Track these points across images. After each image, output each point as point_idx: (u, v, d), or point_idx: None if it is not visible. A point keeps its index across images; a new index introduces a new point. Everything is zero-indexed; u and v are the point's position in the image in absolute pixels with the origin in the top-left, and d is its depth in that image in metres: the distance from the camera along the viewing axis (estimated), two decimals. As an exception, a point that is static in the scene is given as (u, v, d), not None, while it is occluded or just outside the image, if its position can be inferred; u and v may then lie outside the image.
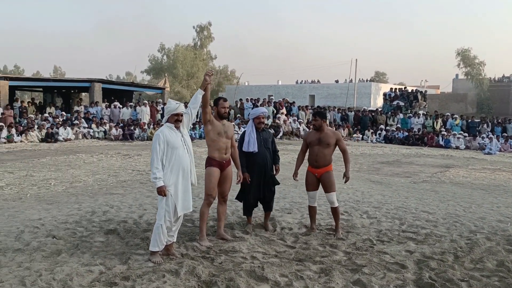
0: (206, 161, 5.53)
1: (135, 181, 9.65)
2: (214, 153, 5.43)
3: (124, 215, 6.60)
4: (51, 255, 4.82)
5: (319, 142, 5.84)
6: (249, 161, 5.84)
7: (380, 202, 7.97)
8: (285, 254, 5.01)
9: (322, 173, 5.85)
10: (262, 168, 5.89)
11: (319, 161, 5.84)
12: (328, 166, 5.88)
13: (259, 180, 5.90)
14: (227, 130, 5.49)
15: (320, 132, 5.88)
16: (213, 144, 5.44)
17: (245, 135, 5.92)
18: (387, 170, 12.86)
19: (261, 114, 5.97)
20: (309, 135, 6.06)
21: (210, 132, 5.42)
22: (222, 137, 5.42)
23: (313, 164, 5.90)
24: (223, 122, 5.49)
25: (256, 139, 5.84)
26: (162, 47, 56.59)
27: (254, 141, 5.81)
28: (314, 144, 5.89)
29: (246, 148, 5.82)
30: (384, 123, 24.16)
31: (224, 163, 5.48)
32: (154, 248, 4.72)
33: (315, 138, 5.89)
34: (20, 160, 12.68)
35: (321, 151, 5.82)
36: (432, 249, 5.18)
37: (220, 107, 5.47)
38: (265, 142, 5.95)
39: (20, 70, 77.91)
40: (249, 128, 5.95)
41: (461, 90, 48.80)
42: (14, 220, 6.24)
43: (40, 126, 18.71)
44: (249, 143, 5.82)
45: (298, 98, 41.82)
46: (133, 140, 19.84)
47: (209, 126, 5.40)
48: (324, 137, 5.83)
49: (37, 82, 26.19)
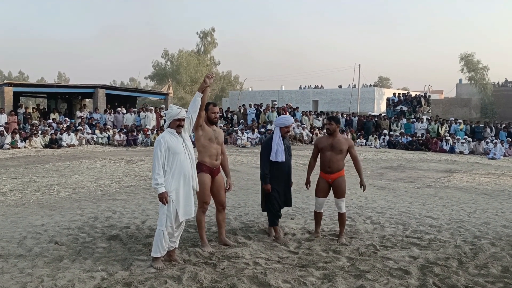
0: (197, 166, 5.42)
1: (138, 187, 9.65)
2: (205, 159, 5.34)
3: (126, 220, 6.59)
4: (53, 261, 4.81)
5: (332, 148, 5.78)
6: (275, 170, 5.72)
7: (384, 207, 7.93)
8: (288, 260, 4.98)
9: (335, 178, 5.82)
10: (287, 176, 5.84)
11: (332, 166, 5.79)
12: (341, 171, 5.85)
13: (285, 189, 5.82)
14: (218, 136, 5.43)
15: (332, 137, 5.83)
16: (204, 150, 5.35)
17: (272, 144, 5.74)
18: (391, 175, 12.81)
19: (289, 124, 5.88)
20: (320, 141, 5.97)
21: (201, 137, 5.32)
22: (213, 143, 5.36)
23: (326, 170, 5.84)
24: (214, 128, 5.42)
25: (284, 149, 5.72)
26: (166, 53, 56.88)
27: (283, 151, 5.69)
28: (326, 150, 5.82)
29: (274, 157, 5.68)
30: (387, 128, 24.11)
31: (214, 170, 5.39)
32: (156, 254, 4.70)
33: (327, 144, 5.83)
34: (24, 166, 12.72)
35: (334, 157, 5.77)
36: (436, 254, 5.14)
37: (210, 112, 5.37)
38: (288, 150, 5.87)
39: (24, 77, 78.38)
40: (276, 137, 5.76)
41: (465, 95, 48.63)
42: (16, 226, 6.24)
43: (43, 132, 18.78)
44: (277, 152, 5.68)
45: (301, 103, 41.85)
46: (136, 146, 19.87)
47: (200, 131, 5.30)
48: (337, 143, 5.78)
49: (41, 88, 26.32)
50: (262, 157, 5.81)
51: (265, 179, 5.74)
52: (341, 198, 5.83)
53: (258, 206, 7.74)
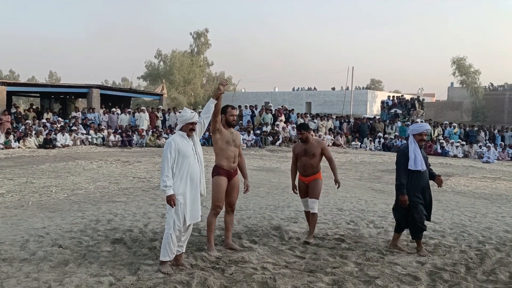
0: (214, 169, 5.47)
1: (137, 189, 9.58)
2: (222, 162, 5.38)
3: (129, 223, 6.52)
4: (59, 265, 4.74)
5: (305, 153, 6.03)
6: (415, 179, 5.43)
7: (385, 211, 7.94)
8: (296, 265, 4.96)
9: (311, 180, 6.06)
10: (427, 187, 5.53)
11: (308, 170, 6.05)
12: (316, 174, 6.07)
13: (426, 199, 5.51)
14: (235, 139, 5.45)
15: (305, 143, 6.06)
16: (221, 152, 5.38)
17: (410, 152, 5.44)
18: (388, 178, 12.85)
19: (424, 131, 5.58)
20: (296, 147, 6.24)
21: (218, 140, 5.36)
22: (230, 146, 5.38)
23: (303, 174, 6.12)
24: (231, 131, 5.45)
25: (422, 157, 5.45)
26: (159, 53, 56.58)
27: (421, 159, 5.42)
28: (301, 155, 6.08)
29: (413, 166, 5.38)
30: (382, 131, 24.21)
31: (231, 172, 5.43)
32: (165, 257, 4.65)
33: (301, 150, 6.08)
34: (19, 167, 12.57)
35: (308, 161, 6.01)
36: (443, 260, 5.15)
37: (229, 114, 5.41)
38: (426, 160, 5.56)
39: (15, 75, 77.48)
40: (412, 145, 5.48)
41: (456, 98, 49.06)
42: (17, 228, 6.15)
43: (38, 132, 18.59)
44: (415, 160, 5.39)
45: (294, 105, 41.85)
46: (131, 146, 19.74)
47: (218, 134, 5.35)
48: (309, 148, 6.01)
49: (35, 88, 26.08)
50: (399, 166, 5.50)
51: (401, 190, 5.43)
52: (313, 198, 5.99)
53: (259, 209, 7.73)
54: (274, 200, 8.62)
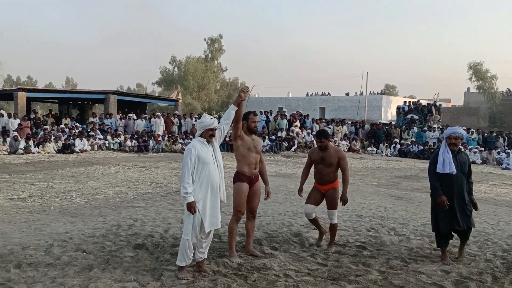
0: (235, 176, 5.48)
1: (155, 194, 9.64)
2: (243, 168, 5.39)
3: (149, 229, 6.56)
4: (83, 270, 4.78)
5: (322, 161, 5.81)
6: (444, 183, 5.34)
7: (406, 218, 7.86)
8: (318, 272, 4.93)
9: (328, 189, 5.84)
10: (460, 193, 5.39)
11: (324, 179, 5.86)
12: (334, 182, 5.86)
13: (454, 207, 5.36)
14: (257, 145, 5.46)
15: (323, 151, 5.80)
16: (243, 159, 5.40)
17: (439, 155, 5.41)
18: (406, 184, 12.73)
19: (451, 135, 5.43)
20: (313, 153, 5.99)
21: (240, 147, 5.38)
22: (252, 152, 5.39)
23: (318, 181, 5.92)
24: (252, 137, 5.46)
25: (451, 160, 5.34)
26: (174, 59, 57.01)
27: (450, 161, 5.30)
28: (318, 163, 5.87)
29: (441, 169, 5.32)
30: (398, 136, 24.02)
31: (253, 178, 5.44)
32: (181, 262, 4.66)
33: (318, 157, 5.84)
34: (39, 171, 12.75)
35: (325, 170, 5.82)
36: (469, 269, 5.07)
37: (251, 121, 5.43)
38: (462, 166, 5.41)
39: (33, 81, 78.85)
40: (443, 148, 5.45)
41: (473, 104, 48.44)
42: (41, 233, 6.23)
43: (56, 137, 18.84)
44: (444, 163, 5.31)
45: (308, 111, 41.75)
46: (148, 152, 19.88)
47: (239, 141, 5.37)
48: (327, 156, 5.78)
49: (54, 94, 26.49)
50: (429, 170, 5.52)
51: (436, 191, 5.35)
52: (333, 209, 5.81)
53: (278, 215, 7.72)
54: (292, 206, 8.60)
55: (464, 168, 5.46)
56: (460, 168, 5.40)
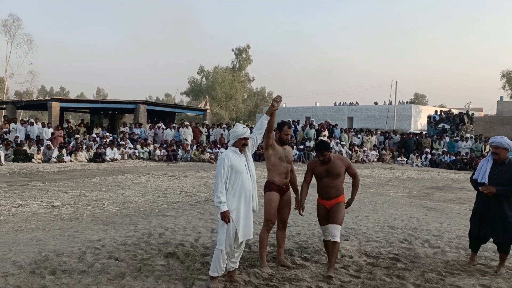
0: (266, 185, 5.45)
1: (185, 203, 9.69)
2: (274, 178, 5.37)
3: (180, 238, 6.58)
4: (116, 277, 4.83)
5: (328, 174, 5.27)
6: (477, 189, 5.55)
7: (440, 230, 7.64)
8: (351, 285, 4.83)
9: (333, 204, 5.31)
10: (494, 203, 5.37)
11: (330, 192, 5.29)
12: (340, 197, 5.33)
13: (486, 215, 5.44)
14: (288, 155, 5.43)
15: (327, 163, 5.30)
16: (274, 168, 5.37)
17: (480, 162, 5.72)
18: (439, 195, 12.41)
19: (492, 144, 5.53)
20: (315, 166, 5.39)
21: (271, 156, 5.36)
22: (283, 162, 5.36)
23: (323, 196, 5.37)
24: (284, 147, 5.44)
25: (488, 170, 5.46)
26: (202, 69, 57.77)
27: (485, 171, 5.47)
28: (322, 176, 5.32)
29: (475, 175, 5.62)
30: (429, 146, 23.53)
31: (284, 188, 5.40)
32: (214, 273, 4.65)
33: (322, 170, 5.30)
34: (72, 180, 13.03)
35: (332, 182, 5.27)
36: (509, 283, 4.88)
37: (283, 133, 5.41)
38: (500, 178, 5.37)
39: (65, 92, 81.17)
40: (487, 156, 5.64)
41: (506, 113, 46.98)
42: (74, 240, 6.33)
43: (88, 146, 19.27)
44: (479, 171, 5.58)
45: (336, 120, 41.39)
46: (176, 161, 20.09)
47: (271, 150, 5.35)
48: (333, 167, 5.26)
49: (86, 104, 27.16)
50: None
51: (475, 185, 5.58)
52: (335, 224, 5.20)
53: (308, 226, 7.63)
54: (323, 217, 8.47)
55: (502, 179, 5.33)
56: (496, 179, 5.36)
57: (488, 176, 5.42)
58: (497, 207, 5.35)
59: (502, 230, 5.33)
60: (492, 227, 5.38)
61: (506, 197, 5.35)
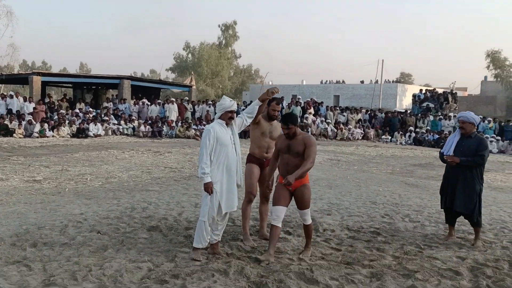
0: (247, 157, 5.51)
1: (169, 178, 9.67)
2: (255, 150, 5.44)
3: (163, 212, 6.59)
4: (98, 250, 4.83)
5: (289, 150, 4.83)
6: (448, 164, 5.71)
7: (420, 205, 7.78)
8: (332, 257, 4.90)
9: (297, 186, 4.78)
10: (460, 176, 5.55)
11: (291, 171, 4.75)
12: (303, 178, 4.83)
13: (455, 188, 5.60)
14: (273, 131, 5.43)
15: (290, 138, 4.83)
16: (255, 141, 5.46)
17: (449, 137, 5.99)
18: (421, 173, 12.59)
19: (459, 118, 5.82)
20: (279, 140, 5.00)
21: (255, 130, 5.42)
22: (265, 137, 5.39)
23: (284, 175, 4.85)
24: (272, 123, 5.44)
25: (455, 144, 5.66)
26: (187, 45, 56.91)
27: (451, 144, 5.69)
28: (283, 152, 4.88)
29: (443, 149, 5.84)
30: (413, 125, 23.75)
31: (264, 162, 5.42)
32: (198, 245, 4.68)
33: (284, 145, 4.86)
34: (54, 155, 12.88)
35: (292, 161, 4.80)
36: (485, 256, 5.00)
37: (271, 108, 5.40)
38: (465, 150, 5.54)
39: (47, 66, 79.48)
40: (455, 131, 5.86)
41: (490, 93, 47.60)
42: (56, 214, 6.30)
43: (71, 121, 19.01)
44: (446, 144, 5.83)
45: (322, 98, 41.28)
46: (161, 137, 19.96)
47: (255, 125, 5.38)
48: (294, 144, 4.79)
49: (68, 78, 26.64)
50: None
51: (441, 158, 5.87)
52: (304, 209, 4.87)
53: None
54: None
55: (467, 151, 5.52)
56: (462, 151, 5.53)
57: (454, 149, 5.62)
58: (462, 179, 5.53)
59: (466, 201, 5.51)
60: (456, 199, 5.55)
61: (470, 169, 5.51)
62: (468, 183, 5.52)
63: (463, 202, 5.52)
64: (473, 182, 5.52)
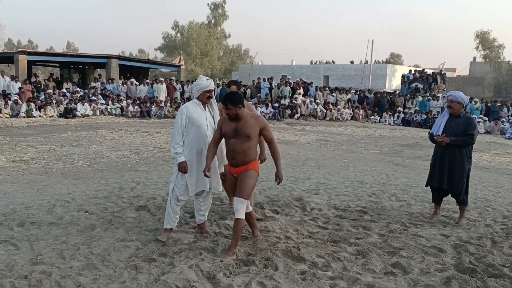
0: None
1: (158, 158, 9.66)
2: None
3: (151, 191, 6.59)
4: (86, 229, 4.83)
5: (236, 134, 4.32)
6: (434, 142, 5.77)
7: (407, 185, 7.88)
8: (319, 235, 4.96)
9: (241, 172, 4.39)
10: (449, 155, 5.58)
11: (237, 157, 4.34)
12: (249, 163, 4.36)
13: (443, 166, 5.63)
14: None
15: (237, 120, 4.35)
16: None
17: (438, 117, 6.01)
18: (409, 153, 12.72)
19: (447, 98, 5.82)
20: (223, 123, 4.44)
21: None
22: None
23: (231, 162, 4.43)
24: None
25: (443, 124, 5.69)
26: (176, 24, 56.13)
27: (441, 124, 5.71)
28: (230, 137, 4.36)
29: (432, 129, 5.83)
30: (402, 105, 23.86)
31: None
32: (166, 225, 4.64)
33: (230, 128, 4.35)
34: (41, 135, 12.76)
35: (239, 146, 4.31)
36: (468, 233, 5.10)
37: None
38: (454, 130, 5.58)
39: (34, 46, 78.02)
40: (445, 112, 5.88)
41: (479, 74, 47.83)
42: (44, 194, 6.27)
43: (58, 101, 18.77)
44: (435, 124, 5.84)
45: (312, 79, 41.23)
46: (150, 117, 19.82)
47: None
48: (242, 127, 4.31)
49: (55, 57, 26.19)
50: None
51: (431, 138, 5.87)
52: (240, 197, 4.26)
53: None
54: (294, 172, 8.61)
55: (456, 131, 5.56)
56: (451, 131, 5.58)
57: (443, 129, 5.66)
58: (451, 159, 5.58)
59: (455, 180, 5.58)
60: (446, 178, 5.61)
61: (460, 149, 5.57)
62: (457, 162, 5.58)
63: (451, 181, 5.60)
64: (462, 161, 5.58)
